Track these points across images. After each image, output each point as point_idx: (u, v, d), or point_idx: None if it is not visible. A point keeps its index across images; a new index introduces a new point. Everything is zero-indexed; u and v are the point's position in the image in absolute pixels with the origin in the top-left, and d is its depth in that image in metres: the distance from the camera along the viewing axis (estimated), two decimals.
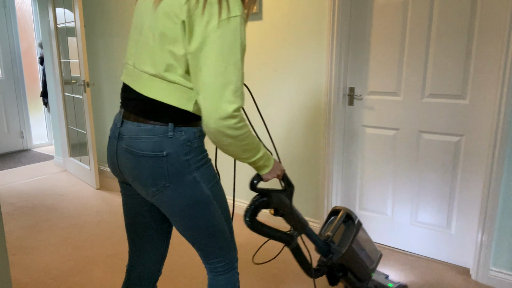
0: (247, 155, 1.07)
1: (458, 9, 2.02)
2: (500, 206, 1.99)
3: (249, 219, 1.28)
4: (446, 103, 2.13)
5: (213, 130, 0.96)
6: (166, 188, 1.06)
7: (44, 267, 2.25)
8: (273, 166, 1.18)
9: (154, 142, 1.03)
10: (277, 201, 1.32)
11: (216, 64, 0.94)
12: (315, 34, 2.41)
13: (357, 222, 1.63)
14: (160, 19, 0.99)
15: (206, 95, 0.95)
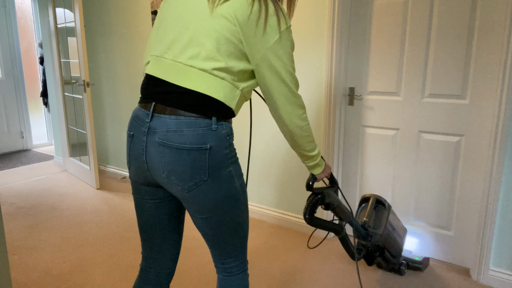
0: (309, 147, 1.21)
1: (458, 9, 2.02)
2: (500, 206, 1.99)
3: (308, 216, 1.47)
4: (446, 103, 2.13)
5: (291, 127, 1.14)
6: (204, 182, 1.06)
7: (44, 267, 2.25)
8: (324, 167, 1.33)
9: (198, 135, 1.03)
10: (329, 197, 1.50)
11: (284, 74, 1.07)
12: (315, 34, 2.41)
13: (387, 205, 1.85)
14: (217, 20, 1.02)
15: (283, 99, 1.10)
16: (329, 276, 2.13)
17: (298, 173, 2.66)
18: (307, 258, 2.33)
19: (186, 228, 2.76)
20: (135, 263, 2.29)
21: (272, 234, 2.66)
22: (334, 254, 2.37)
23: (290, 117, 1.12)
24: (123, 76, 3.72)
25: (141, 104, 1.12)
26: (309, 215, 1.47)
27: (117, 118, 3.90)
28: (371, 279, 2.10)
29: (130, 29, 3.51)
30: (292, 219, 2.74)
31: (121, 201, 3.32)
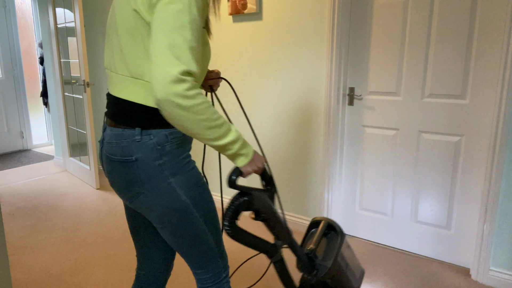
0: (212, 135, 0.93)
1: (458, 9, 2.02)
2: (500, 206, 1.99)
3: (228, 223, 1.08)
4: (446, 103, 2.13)
5: (161, 99, 0.86)
6: (140, 194, 1.02)
7: (44, 267, 2.25)
8: (253, 157, 1.04)
9: (123, 147, 1.01)
10: (259, 202, 1.13)
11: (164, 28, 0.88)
12: (315, 34, 2.41)
13: (340, 233, 1.45)
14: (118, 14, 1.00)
15: (152, 63, 0.87)
16: None
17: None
18: None
19: None
20: (135, 263, 2.29)
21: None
22: None
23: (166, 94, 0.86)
24: None
25: None
26: (229, 222, 1.08)
27: None
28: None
29: None
30: (296, 220, 2.74)
31: (121, 201, 3.32)
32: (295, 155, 2.66)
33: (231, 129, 0.97)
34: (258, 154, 1.07)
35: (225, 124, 0.95)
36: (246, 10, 2.64)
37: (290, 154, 2.68)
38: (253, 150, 1.05)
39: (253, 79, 2.75)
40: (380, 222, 2.48)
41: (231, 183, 1.04)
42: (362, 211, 2.56)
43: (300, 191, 2.68)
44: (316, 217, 1.51)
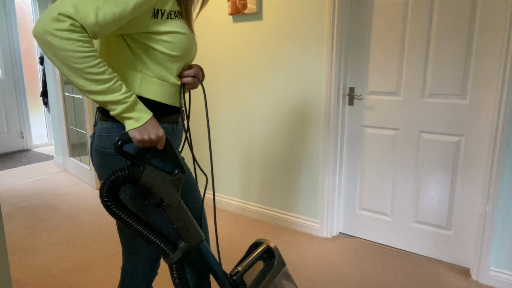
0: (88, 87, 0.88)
1: (458, 9, 2.02)
2: (500, 206, 1.99)
3: (105, 193, 0.93)
4: (446, 103, 2.13)
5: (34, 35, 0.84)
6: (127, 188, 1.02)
7: (44, 267, 2.25)
8: (146, 124, 0.95)
9: (112, 140, 1.00)
10: (149, 179, 0.95)
11: None
12: (315, 34, 2.41)
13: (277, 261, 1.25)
14: None
15: None
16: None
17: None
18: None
19: None
20: None
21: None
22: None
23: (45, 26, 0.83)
24: None
25: None
26: (106, 192, 0.93)
27: None
28: None
29: None
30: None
31: None
32: (295, 155, 2.66)
33: (119, 89, 0.91)
34: (154, 125, 0.97)
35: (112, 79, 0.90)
36: (246, 10, 2.64)
37: (290, 154, 2.68)
38: (150, 118, 0.96)
39: (253, 79, 2.75)
40: (380, 222, 2.48)
41: (116, 148, 0.92)
42: (362, 211, 2.56)
43: (300, 191, 2.68)
44: (260, 239, 1.32)
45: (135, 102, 0.94)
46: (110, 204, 0.94)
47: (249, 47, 2.73)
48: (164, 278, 2.12)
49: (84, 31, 0.85)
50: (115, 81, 0.90)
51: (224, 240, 2.57)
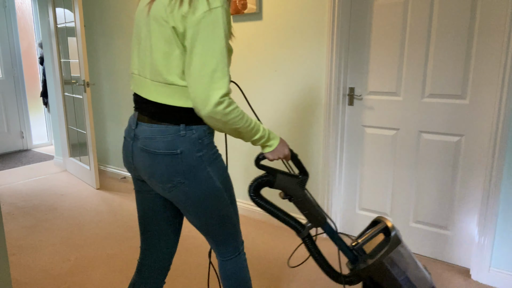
0: (244, 136, 1.15)
1: (458, 9, 2.02)
2: (500, 206, 1.99)
3: (252, 193, 1.36)
4: (446, 103, 2.13)
5: (205, 116, 1.05)
6: (181, 184, 1.14)
7: (44, 267, 2.25)
8: (276, 148, 1.25)
9: (168, 142, 1.12)
10: (280, 183, 1.36)
11: (202, 55, 1.01)
12: (315, 34, 2.41)
13: (392, 238, 1.48)
14: (152, 25, 1.08)
15: (195, 84, 1.03)
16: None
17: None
18: None
19: (185, 228, 2.76)
20: (135, 263, 2.29)
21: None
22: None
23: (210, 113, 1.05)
24: (123, 76, 3.72)
25: (134, 111, 1.24)
26: (253, 192, 1.36)
27: (117, 118, 3.90)
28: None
29: (130, 29, 3.51)
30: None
31: (121, 201, 3.32)
32: None
33: (259, 129, 1.17)
34: (283, 146, 1.26)
35: (255, 126, 1.15)
36: (246, 10, 2.64)
37: None
38: (279, 142, 1.25)
39: (253, 79, 2.75)
40: None
41: (256, 162, 1.31)
42: (362, 211, 2.56)
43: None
44: (379, 216, 1.58)
45: (269, 133, 1.21)
46: (255, 198, 1.36)
47: (249, 47, 2.73)
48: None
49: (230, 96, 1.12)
50: (255, 124, 1.16)
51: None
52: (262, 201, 1.38)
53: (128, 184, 3.81)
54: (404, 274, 1.52)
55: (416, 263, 1.56)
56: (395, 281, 1.50)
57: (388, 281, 1.50)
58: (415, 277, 1.55)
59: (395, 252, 1.49)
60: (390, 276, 1.49)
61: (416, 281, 1.55)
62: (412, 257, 1.56)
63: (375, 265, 1.46)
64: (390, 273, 1.49)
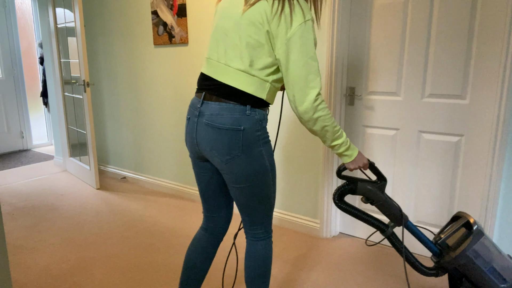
0: (329, 137, 1.30)
1: (458, 9, 2.02)
2: (500, 206, 1.99)
3: (337, 201, 1.54)
4: (446, 103, 2.13)
5: (302, 112, 1.25)
6: (238, 157, 1.30)
7: (44, 267, 2.25)
8: (355, 158, 1.38)
9: (235, 118, 1.29)
10: (362, 190, 1.51)
11: (299, 60, 1.21)
12: (315, 34, 2.41)
13: (475, 231, 1.59)
14: (246, 26, 1.25)
15: (293, 85, 1.23)
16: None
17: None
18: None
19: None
20: (135, 263, 2.29)
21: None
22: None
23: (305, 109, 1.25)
24: (123, 76, 3.72)
25: (196, 94, 1.41)
26: (337, 200, 1.55)
27: (117, 118, 3.90)
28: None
29: (130, 29, 3.51)
30: (295, 220, 2.74)
31: (121, 201, 3.32)
32: (295, 155, 2.66)
33: (343, 135, 1.32)
34: (361, 156, 1.40)
35: (339, 130, 1.31)
36: None
37: (290, 154, 2.68)
38: (358, 153, 1.38)
39: None
40: None
41: (337, 173, 1.48)
42: None
43: (300, 191, 2.68)
44: (460, 212, 1.66)
45: (350, 143, 1.36)
46: (340, 204, 1.54)
47: None
48: (165, 279, 2.12)
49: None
50: (340, 127, 1.32)
51: (223, 240, 2.57)
52: (347, 207, 1.55)
53: (128, 184, 3.81)
54: (489, 265, 1.60)
55: (500, 253, 1.64)
56: (481, 271, 1.59)
57: (474, 272, 1.59)
58: (501, 267, 1.63)
59: (479, 244, 1.58)
60: (476, 268, 1.58)
61: (502, 270, 1.63)
62: (496, 247, 1.64)
63: (459, 257, 1.56)
64: (475, 265, 1.58)
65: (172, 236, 2.64)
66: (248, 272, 1.47)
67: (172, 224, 2.82)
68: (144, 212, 3.07)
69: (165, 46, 3.26)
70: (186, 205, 3.22)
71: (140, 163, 3.78)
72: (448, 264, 1.59)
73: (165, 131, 3.47)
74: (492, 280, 1.61)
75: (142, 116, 3.63)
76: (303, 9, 1.20)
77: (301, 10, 1.19)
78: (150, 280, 2.10)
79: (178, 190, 3.46)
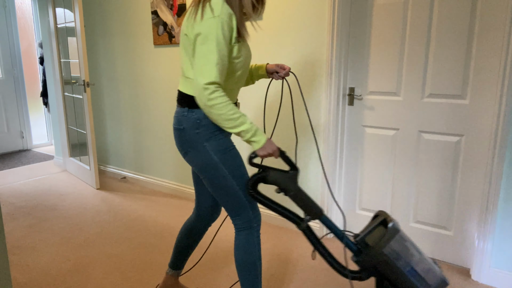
0: (228, 125, 1.36)
1: (458, 9, 2.02)
2: (500, 206, 1.99)
3: (250, 190, 1.50)
4: (446, 103, 2.13)
5: (196, 99, 1.35)
6: (188, 152, 1.48)
7: (44, 267, 2.25)
8: (264, 145, 1.40)
9: (178, 119, 1.49)
10: (273, 179, 1.47)
11: (200, 52, 1.33)
12: (315, 34, 2.41)
13: (390, 228, 1.52)
14: (182, 37, 1.45)
15: (195, 74, 1.34)
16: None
17: None
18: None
19: None
20: (135, 263, 2.29)
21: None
22: None
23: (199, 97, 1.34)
24: (123, 76, 3.72)
25: None
26: (250, 188, 1.50)
27: (117, 118, 3.90)
28: None
29: (130, 29, 3.51)
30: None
31: (121, 201, 3.32)
32: (293, 154, 2.65)
33: (245, 122, 1.36)
34: (270, 144, 1.41)
35: (240, 117, 1.35)
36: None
37: (290, 154, 2.68)
38: (266, 140, 1.40)
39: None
40: None
41: (248, 160, 1.45)
42: (362, 211, 2.56)
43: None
44: (380, 210, 1.64)
45: (256, 130, 1.39)
46: (254, 194, 1.49)
47: None
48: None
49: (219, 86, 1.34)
50: (240, 115, 1.36)
51: (222, 239, 2.57)
52: (260, 197, 1.49)
53: (128, 184, 3.81)
54: (409, 265, 1.53)
55: (421, 256, 1.56)
56: (402, 273, 1.52)
57: (394, 273, 1.52)
58: (422, 269, 1.55)
59: (396, 242, 1.51)
60: (395, 268, 1.51)
61: (424, 273, 1.54)
62: (417, 249, 1.56)
63: (376, 254, 1.49)
64: (394, 265, 1.51)
65: (172, 236, 2.64)
66: (235, 261, 1.56)
67: (172, 224, 2.82)
68: (144, 212, 3.07)
69: (165, 46, 3.26)
70: (186, 205, 3.22)
71: (140, 163, 3.78)
72: (366, 262, 1.51)
73: (165, 131, 3.47)
74: (414, 284, 1.53)
75: (142, 116, 3.63)
76: (213, 8, 1.32)
77: (210, 9, 1.32)
78: (150, 280, 2.10)
79: (178, 190, 3.46)
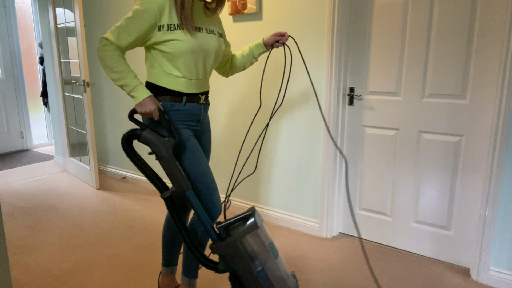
0: (113, 77, 1.45)
1: (458, 9, 2.02)
2: (500, 206, 1.99)
3: (125, 144, 1.50)
4: (446, 103, 2.13)
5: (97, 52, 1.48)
6: None
7: (44, 267, 2.25)
8: (142, 101, 1.44)
9: None
10: (145, 139, 1.46)
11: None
12: (315, 34, 2.41)
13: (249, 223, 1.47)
14: None
15: None
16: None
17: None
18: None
19: None
20: (135, 263, 2.29)
21: None
22: None
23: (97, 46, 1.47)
24: None
25: None
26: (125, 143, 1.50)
27: (117, 118, 3.90)
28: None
29: None
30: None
31: (121, 201, 3.32)
32: (295, 154, 2.65)
33: (127, 76, 1.44)
34: (150, 101, 1.45)
35: (123, 71, 1.44)
36: (246, 10, 2.64)
37: (290, 154, 2.68)
38: (147, 97, 1.45)
39: (253, 79, 2.75)
40: (380, 222, 2.48)
41: (129, 115, 1.47)
42: (362, 211, 2.56)
43: (300, 191, 2.68)
44: (252, 207, 1.58)
45: (136, 86, 1.44)
46: (127, 148, 1.49)
47: None
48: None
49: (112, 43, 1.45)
50: (124, 69, 1.44)
51: None
52: (131, 153, 1.50)
53: (128, 184, 3.81)
54: (261, 266, 1.46)
55: (279, 263, 1.51)
56: (252, 274, 1.46)
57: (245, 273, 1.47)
58: (274, 276, 1.48)
59: (253, 237, 1.46)
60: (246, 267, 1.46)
61: (275, 281, 1.48)
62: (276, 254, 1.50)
63: (229, 243, 1.45)
64: (245, 262, 1.46)
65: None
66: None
67: None
68: (144, 212, 3.07)
69: None
70: None
71: None
72: (219, 250, 1.48)
73: None
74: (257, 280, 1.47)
75: None
76: None
77: None
78: (150, 280, 2.10)
79: None
